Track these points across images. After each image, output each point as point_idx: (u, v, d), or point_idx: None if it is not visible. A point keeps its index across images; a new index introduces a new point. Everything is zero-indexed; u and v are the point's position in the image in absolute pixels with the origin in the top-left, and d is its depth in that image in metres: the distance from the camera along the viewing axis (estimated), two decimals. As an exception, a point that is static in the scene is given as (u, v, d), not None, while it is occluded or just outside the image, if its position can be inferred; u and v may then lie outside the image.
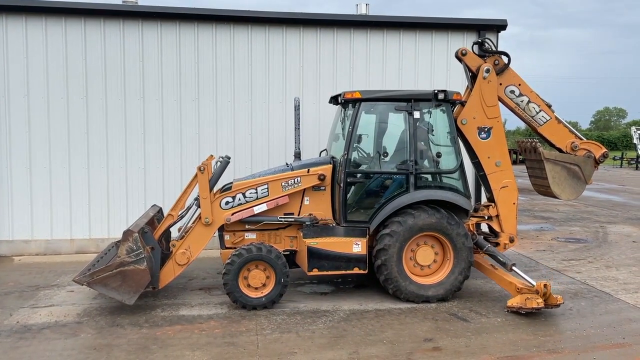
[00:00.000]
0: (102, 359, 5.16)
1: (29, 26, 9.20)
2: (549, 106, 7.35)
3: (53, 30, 9.27)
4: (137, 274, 6.17)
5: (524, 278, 6.66)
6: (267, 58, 9.90)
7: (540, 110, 7.30)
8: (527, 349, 5.42)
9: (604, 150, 7.43)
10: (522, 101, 7.28)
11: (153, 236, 6.61)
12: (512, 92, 7.26)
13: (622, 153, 40.44)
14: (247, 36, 9.82)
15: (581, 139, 7.43)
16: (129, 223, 9.06)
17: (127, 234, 6.21)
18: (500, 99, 7.27)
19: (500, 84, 7.22)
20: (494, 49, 7.27)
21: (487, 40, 7.31)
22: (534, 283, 6.43)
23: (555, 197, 7.42)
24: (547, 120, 7.32)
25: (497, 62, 7.17)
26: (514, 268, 6.81)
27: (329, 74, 10.07)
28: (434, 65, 10.29)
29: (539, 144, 7.47)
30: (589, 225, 12.88)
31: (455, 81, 9.73)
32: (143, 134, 9.62)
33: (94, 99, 9.45)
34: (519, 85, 7.26)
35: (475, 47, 7.34)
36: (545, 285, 6.30)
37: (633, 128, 37.80)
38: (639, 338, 5.71)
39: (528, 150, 7.61)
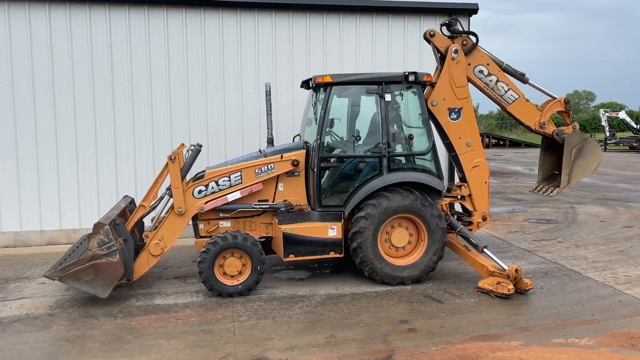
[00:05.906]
0: (76, 350, 5.09)
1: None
2: (523, 75, 7.41)
3: (15, 15, 8.96)
4: (110, 267, 6.08)
5: (495, 261, 6.76)
6: (240, 43, 9.76)
7: (508, 89, 7.36)
8: (499, 327, 5.52)
9: (563, 98, 7.47)
10: (490, 80, 7.34)
11: (125, 228, 6.51)
12: (481, 72, 7.31)
13: (591, 135, 41.28)
14: (218, 21, 9.65)
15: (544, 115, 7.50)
16: (100, 213, 8.90)
17: (97, 226, 6.11)
18: (469, 79, 7.31)
19: (469, 65, 7.26)
20: (461, 29, 7.30)
21: (454, 20, 7.32)
22: (506, 267, 6.53)
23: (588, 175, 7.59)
24: (516, 99, 7.40)
25: (465, 42, 7.20)
26: (485, 250, 6.92)
27: (302, 58, 9.99)
28: (407, 49, 10.29)
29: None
30: (559, 206, 13.16)
31: (428, 64, 9.74)
32: (113, 122, 9.42)
33: (61, 86, 9.20)
34: (487, 64, 7.32)
35: (444, 28, 7.35)
36: (516, 270, 6.43)
37: (601, 111, 38.71)
38: (606, 314, 5.87)
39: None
